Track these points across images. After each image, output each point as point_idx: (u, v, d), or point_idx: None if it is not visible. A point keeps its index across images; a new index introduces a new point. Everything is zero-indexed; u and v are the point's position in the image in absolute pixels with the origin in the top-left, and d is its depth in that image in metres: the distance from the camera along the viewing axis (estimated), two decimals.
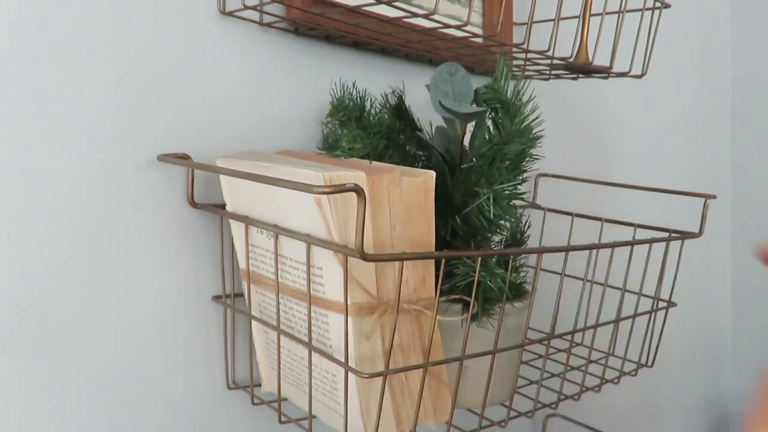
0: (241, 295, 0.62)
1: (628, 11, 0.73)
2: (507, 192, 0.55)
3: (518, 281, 0.64)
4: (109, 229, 0.55)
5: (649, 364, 0.79)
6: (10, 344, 0.50)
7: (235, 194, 0.55)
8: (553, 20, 0.70)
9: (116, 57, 0.54)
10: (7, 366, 0.50)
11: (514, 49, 0.72)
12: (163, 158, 0.56)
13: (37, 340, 0.52)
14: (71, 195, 0.53)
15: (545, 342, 0.60)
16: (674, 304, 0.72)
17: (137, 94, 0.56)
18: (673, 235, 0.69)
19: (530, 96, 0.58)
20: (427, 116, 0.77)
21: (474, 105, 0.60)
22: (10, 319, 0.50)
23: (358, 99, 0.62)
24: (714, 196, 0.70)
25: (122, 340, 0.56)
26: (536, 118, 0.58)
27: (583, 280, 0.66)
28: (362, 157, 0.60)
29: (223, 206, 0.58)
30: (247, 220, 0.53)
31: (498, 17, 0.78)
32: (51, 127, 0.51)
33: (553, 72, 0.80)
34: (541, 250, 0.53)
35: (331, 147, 0.62)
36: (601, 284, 0.72)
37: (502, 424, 0.60)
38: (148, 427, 0.58)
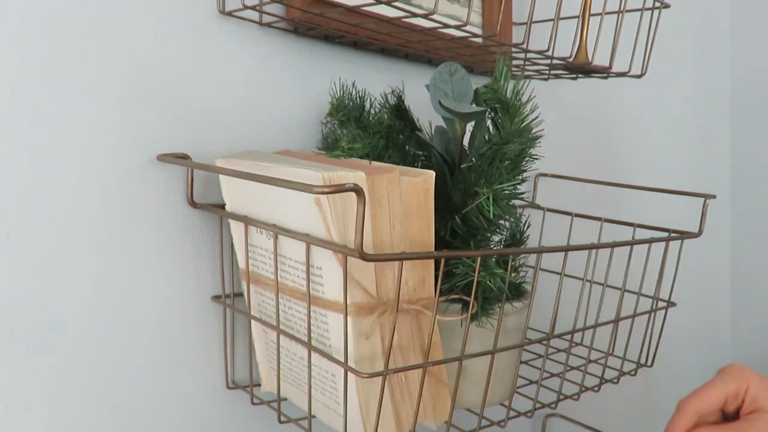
0: (241, 294, 0.62)
1: (627, 11, 0.73)
2: (507, 192, 0.55)
3: (518, 281, 0.64)
4: (109, 229, 0.55)
5: (649, 364, 0.79)
6: (10, 344, 0.50)
7: (235, 194, 0.55)
8: (552, 20, 0.70)
9: (115, 57, 0.54)
10: (6, 366, 0.50)
11: (514, 49, 0.72)
12: (163, 158, 0.56)
13: (36, 340, 0.52)
14: (71, 195, 0.53)
15: (545, 342, 0.60)
16: (674, 304, 0.72)
17: (136, 94, 0.56)
18: (672, 234, 0.69)
19: (530, 96, 0.58)
20: (427, 116, 0.77)
21: (473, 105, 0.60)
22: (9, 319, 0.50)
23: (358, 99, 0.62)
24: (713, 196, 0.70)
25: (122, 340, 0.56)
26: (536, 118, 0.58)
27: (582, 280, 0.66)
28: (362, 157, 0.60)
29: (222, 206, 0.58)
30: (247, 220, 0.53)
31: (497, 17, 0.78)
32: (50, 128, 0.51)
33: (552, 72, 0.80)
34: (540, 250, 0.53)
35: (330, 147, 0.62)
36: (600, 284, 0.72)
37: (502, 423, 0.60)
38: (147, 426, 0.58)
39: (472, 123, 0.61)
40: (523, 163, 0.57)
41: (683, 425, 0.56)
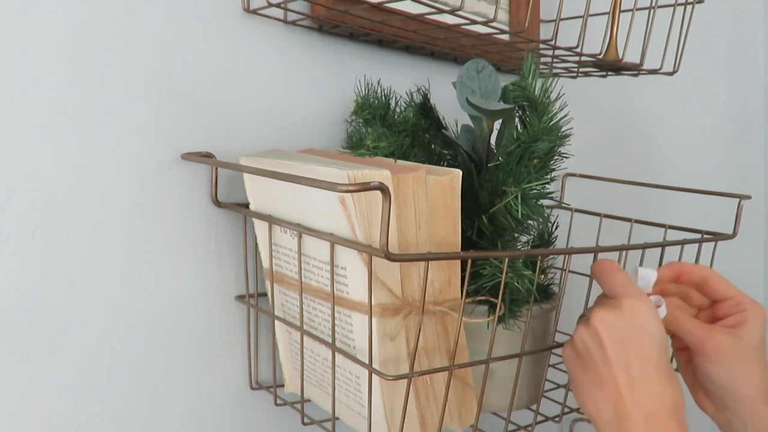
0: (265, 294, 0.61)
1: (659, 7, 0.71)
2: (535, 191, 0.54)
3: (546, 283, 0.62)
4: (133, 227, 0.55)
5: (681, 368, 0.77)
6: (31, 344, 0.51)
7: (259, 193, 0.55)
8: (581, 17, 0.68)
9: (140, 56, 0.54)
10: (29, 367, 0.50)
11: (542, 46, 0.71)
12: (187, 157, 0.56)
13: (60, 340, 0.52)
14: (95, 193, 0.53)
15: None
16: None
17: (161, 92, 0.56)
18: (705, 236, 0.67)
19: (558, 94, 0.57)
20: (452, 115, 0.76)
21: (501, 102, 0.59)
22: (35, 317, 0.50)
23: (383, 97, 0.61)
24: (749, 197, 0.68)
25: (145, 339, 0.56)
26: (565, 116, 0.57)
27: None
28: (387, 156, 0.59)
29: (246, 205, 0.58)
30: (271, 219, 0.53)
31: (525, 14, 0.76)
32: (75, 127, 0.51)
33: (581, 69, 0.79)
34: (569, 251, 0.52)
35: (355, 145, 0.62)
36: None
37: (529, 428, 0.59)
38: (170, 426, 0.58)
39: (499, 121, 0.60)
40: (552, 161, 0.56)
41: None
